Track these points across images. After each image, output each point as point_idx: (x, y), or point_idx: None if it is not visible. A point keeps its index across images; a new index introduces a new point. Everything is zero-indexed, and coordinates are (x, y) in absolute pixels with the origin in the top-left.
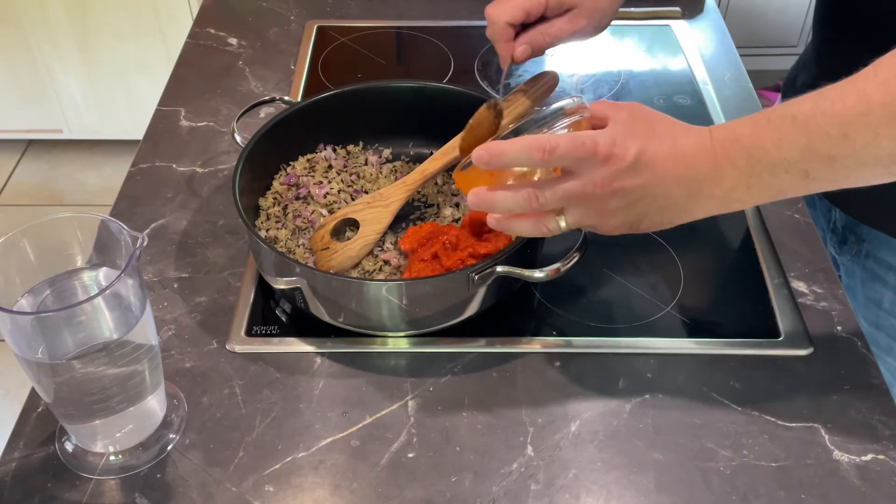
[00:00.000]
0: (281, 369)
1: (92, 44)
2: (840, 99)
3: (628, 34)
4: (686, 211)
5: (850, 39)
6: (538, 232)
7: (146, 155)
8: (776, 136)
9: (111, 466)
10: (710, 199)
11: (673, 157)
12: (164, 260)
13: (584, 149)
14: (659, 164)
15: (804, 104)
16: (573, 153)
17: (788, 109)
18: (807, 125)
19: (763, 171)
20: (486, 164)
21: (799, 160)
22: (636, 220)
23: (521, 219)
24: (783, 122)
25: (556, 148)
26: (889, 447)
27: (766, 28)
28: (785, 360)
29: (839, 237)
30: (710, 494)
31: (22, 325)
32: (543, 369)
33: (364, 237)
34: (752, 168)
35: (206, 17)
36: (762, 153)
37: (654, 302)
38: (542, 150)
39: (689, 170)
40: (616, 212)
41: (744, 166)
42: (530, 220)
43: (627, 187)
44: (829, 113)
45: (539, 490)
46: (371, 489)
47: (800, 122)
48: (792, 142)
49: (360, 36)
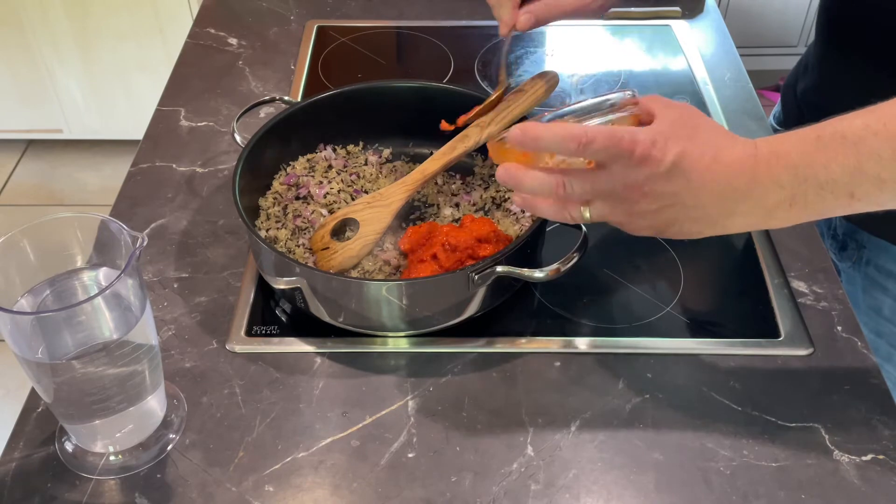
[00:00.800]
0: (281, 369)
1: (92, 44)
2: (893, 119)
3: (628, 34)
4: (719, 225)
5: (852, 48)
6: (560, 218)
7: (146, 155)
8: (825, 157)
9: (111, 466)
10: (747, 216)
11: (711, 169)
12: (164, 260)
13: (620, 146)
14: (696, 174)
15: (854, 123)
16: (609, 149)
17: (838, 127)
18: (857, 146)
19: (808, 190)
20: (520, 145)
21: (848, 182)
22: (664, 225)
23: (546, 202)
24: (833, 141)
25: (592, 142)
26: (889, 447)
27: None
28: (785, 360)
29: (839, 243)
30: (710, 494)
31: (22, 325)
32: (543, 369)
33: (364, 237)
34: (797, 187)
35: (206, 17)
36: (809, 172)
37: (654, 302)
38: (577, 142)
39: (727, 186)
40: (644, 214)
41: (788, 185)
42: (555, 205)
43: (659, 192)
44: (882, 134)
45: (539, 490)
46: (371, 489)
47: (850, 143)
48: (841, 162)
49: (360, 36)
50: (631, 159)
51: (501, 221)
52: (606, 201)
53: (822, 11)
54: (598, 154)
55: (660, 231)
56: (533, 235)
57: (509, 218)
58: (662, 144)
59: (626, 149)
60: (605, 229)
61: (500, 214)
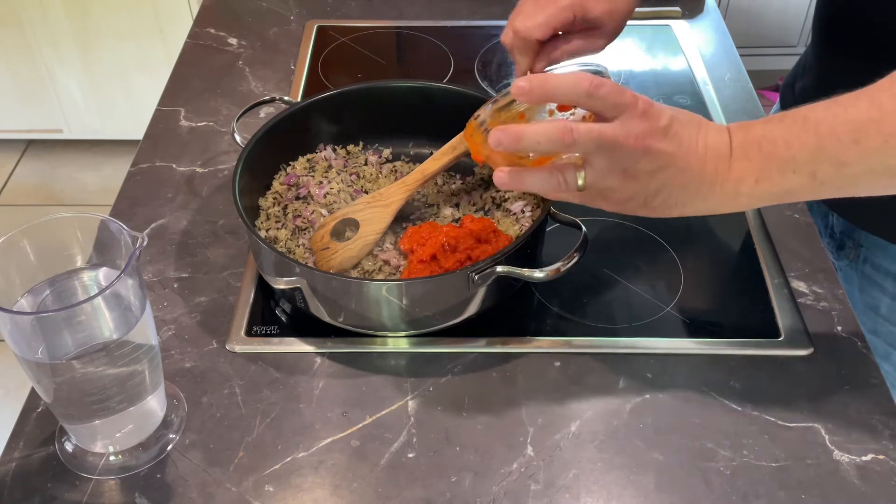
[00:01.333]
0: (281, 369)
1: (92, 44)
2: (853, 104)
3: (628, 34)
4: (697, 197)
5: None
6: (551, 185)
7: (146, 155)
8: (787, 135)
9: (111, 466)
10: (720, 189)
11: (695, 138)
12: (164, 260)
13: (624, 96)
14: (686, 138)
15: (817, 108)
16: (616, 98)
17: (801, 111)
18: (818, 127)
19: (772, 166)
20: (528, 96)
21: (808, 161)
22: (653, 193)
23: (536, 172)
24: (795, 121)
25: (601, 86)
26: (889, 447)
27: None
28: (785, 360)
29: (837, 242)
30: (710, 494)
31: (22, 325)
32: (543, 369)
33: (364, 237)
34: (762, 162)
35: (206, 17)
36: (772, 148)
37: (654, 302)
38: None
39: (706, 157)
40: (639, 175)
41: (755, 159)
42: (546, 172)
43: (658, 149)
44: (841, 117)
45: (539, 490)
46: (371, 489)
47: (811, 124)
48: (803, 142)
49: (360, 36)
50: (635, 110)
51: (501, 221)
52: (608, 156)
53: (818, 11)
54: (605, 100)
55: (646, 201)
56: (533, 235)
57: (509, 218)
58: (658, 106)
59: (630, 99)
60: (606, 229)
61: (500, 214)
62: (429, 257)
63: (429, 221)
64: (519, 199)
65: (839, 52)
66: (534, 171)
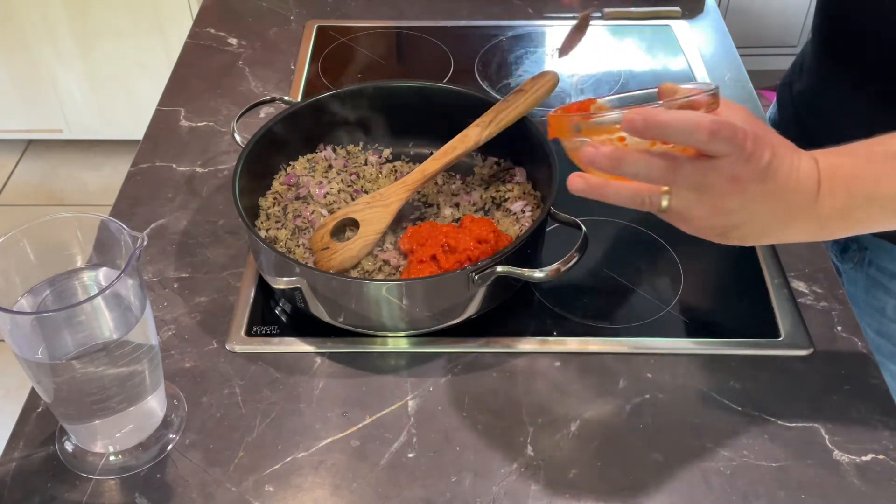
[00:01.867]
0: (281, 369)
1: (92, 44)
2: None
3: (628, 34)
4: (780, 231)
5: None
6: (634, 203)
7: (146, 155)
8: (876, 172)
9: (111, 466)
10: (806, 223)
11: (788, 173)
12: (164, 260)
13: (736, 139)
14: (781, 174)
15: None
16: (730, 141)
17: (889, 146)
18: None
19: (861, 205)
20: (639, 131)
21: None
22: (736, 225)
23: (621, 188)
24: (886, 159)
25: (719, 130)
26: (889, 447)
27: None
28: (785, 360)
29: (841, 245)
30: (710, 494)
31: (22, 325)
32: (543, 369)
33: (364, 237)
34: (849, 200)
35: (206, 17)
36: (860, 185)
37: (654, 302)
38: (707, 132)
39: (797, 191)
40: (727, 212)
41: (841, 196)
42: (631, 191)
43: (752, 191)
44: None
45: (539, 490)
46: (371, 489)
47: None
48: (892, 179)
49: (360, 36)
50: (742, 153)
51: (501, 221)
52: (698, 192)
53: (818, 12)
54: (718, 144)
55: (725, 232)
56: (533, 235)
57: (509, 218)
58: (762, 142)
59: (741, 142)
60: (606, 229)
61: (500, 214)
62: (429, 257)
63: (429, 221)
64: (519, 199)
65: (839, 55)
66: (618, 186)
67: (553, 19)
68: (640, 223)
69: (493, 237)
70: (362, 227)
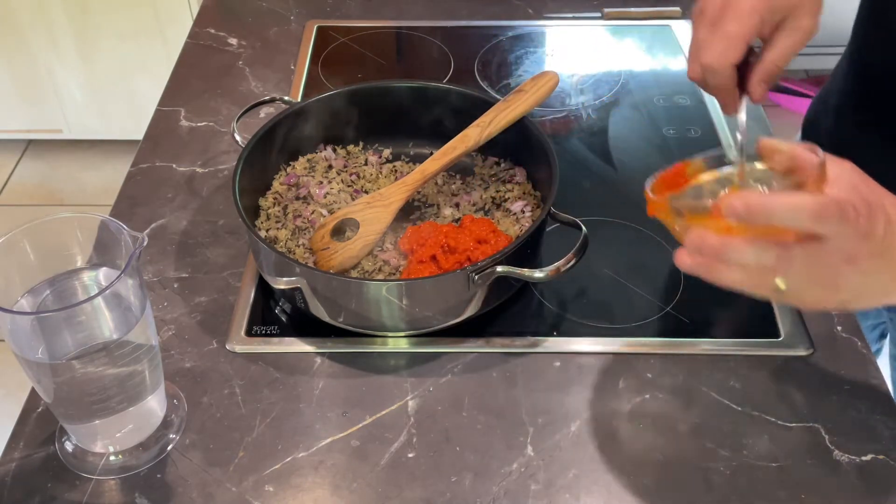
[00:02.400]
0: (281, 369)
1: (92, 44)
2: None
3: (628, 34)
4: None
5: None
6: (747, 287)
7: (146, 155)
8: None
9: (111, 466)
10: None
11: None
12: (164, 260)
13: (848, 218)
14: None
15: None
16: (841, 221)
17: None
18: None
19: None
20: (742, 218)
21: None
22: (855, 298)
23: (733, 270)
24: None
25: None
26: (889, 447)
27: None
28: (785, 360)
29: None
30: (710, 494)
31: (22, 325)
32: (543, 369)
33: (364, 237)
34: None
35: (206, 17)
36: None
37: (654, 302)
38: (813, 214)
39: None
40: (844, 287)
41: None
42: (745, 274)
43: (868, 266)
44: None
45: (539, 490)
46: (371, 489)
47: None
48: None
49: (360, 36)
50: (857, 232)
51: (501, 221)
52: (812, 276)
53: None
54: (828, 226)
55: (845, 303)
56: (533, 235)
57: (509, 218)
58: (874, 214)
59: (853, 220)
60: (606, 229)
61: (500, 214)
62: (429, 257)
63: (429, 221)
64: (519, 200)
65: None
66: (731, 268)
67: (553, 19)
68: (641, 223)
69: (493, 237)
70: (362, 228)
